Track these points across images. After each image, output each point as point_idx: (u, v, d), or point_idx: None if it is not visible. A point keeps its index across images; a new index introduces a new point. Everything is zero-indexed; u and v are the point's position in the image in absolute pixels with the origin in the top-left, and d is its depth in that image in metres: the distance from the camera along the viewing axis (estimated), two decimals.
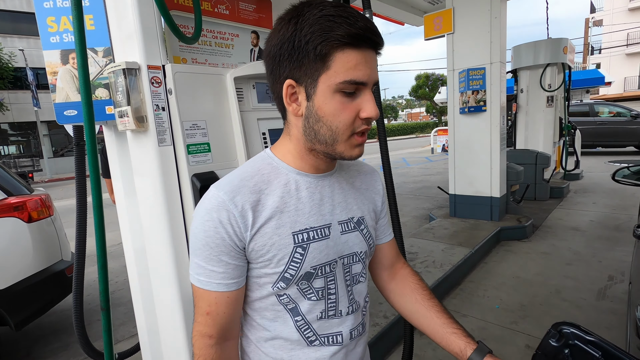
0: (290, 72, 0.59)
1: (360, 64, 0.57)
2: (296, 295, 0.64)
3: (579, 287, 2.85)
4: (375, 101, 0.60)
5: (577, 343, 0.62)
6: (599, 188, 6.25)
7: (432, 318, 0.74)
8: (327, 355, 0.67)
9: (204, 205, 0.61)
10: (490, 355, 0.65)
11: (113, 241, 4.89)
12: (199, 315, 0.63)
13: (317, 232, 0.65)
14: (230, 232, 0.59)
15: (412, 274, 0.83)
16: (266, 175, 0.65)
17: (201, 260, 0.61)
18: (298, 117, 0.63)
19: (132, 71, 1.12)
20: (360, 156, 0.64)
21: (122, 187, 1.54)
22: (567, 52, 6.17)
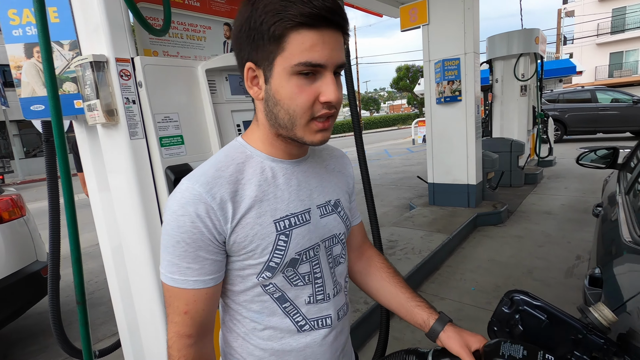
0: (249, 54, 0.58)
1: (316, 45, 0.54)
2: (282, 283, 0.64)
3: (549, 267, 3.00)
4: (336, 85, 0.57)
5: (526, 308, 0.67)
6: (571, 173, 6.52)
7: (397, 294, 0.78)
8: (318, 339, 0.67)
9: (177, 199, 0.57)
10: (450, 323, 0.70)
11: (91, 241, 4.78)
12: (176, 315, 0.60)
13: (298, 218, 0.64)
14: (210, 225, 0.57)
15: (377, 255, 0.86)
16: (241, 164, 0.63)
17: (175, 257, 0.58)
18: (260, 101, 0.62)
19: (100, 64, 1.11)
20: (323, 142, 0.62)
21: (96, 183, 1.52)
22: (539, 43, 6.35)
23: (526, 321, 0.67)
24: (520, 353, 0.59)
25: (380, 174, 8.50)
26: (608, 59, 24.72)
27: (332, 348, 0.69)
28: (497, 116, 6.77)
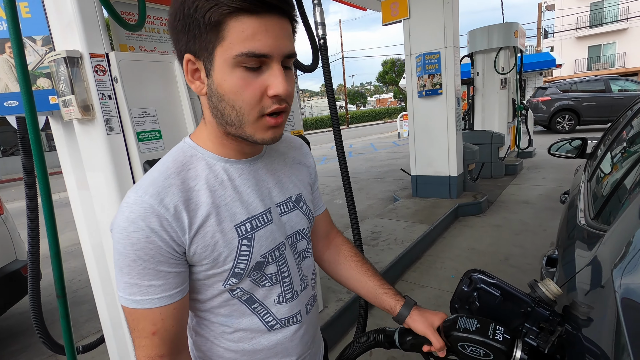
0: (186, 45, 0.52)
1: (259, 33, 0.49)
2: (250, 286, 0.62)
3: (525, 254, 3.12)
4: (284, 76, 0.53)
5: (482, 286, 0.73)
6: (549, 164, 6.72)
7: (366, 282, 0.79)
8: (289, 335, 0.67)
9: (125, 215, 0.52)
10: (415, 307, 0.75)
11: (73, 240, 4.71)
12: (142, 338, 0.55)
13: (260, 220, 0.61)
14: (167, 238, 0.52)
15: (345, 243, 0.86)
16: (193, 169, 0.58)
17: (134, 277, 0.52)
18: (204, 97, 0.57)
19: (74, 60, 1.12)
20: (275, 140, 0.58)
21: (75, 181, 1.52)
22: (518, 36, 6.49)
23: (483, 298, 0.72)
24: (474, 326, 0.64)
25: (366, 168, 8.58)
26: (587, 52, 25.34)
27: (303, 341, 0.70)
28: (479, 109, 6.91)
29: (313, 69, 1.88)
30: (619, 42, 23.98)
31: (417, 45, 4.41)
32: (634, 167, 0.92)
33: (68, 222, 4.78)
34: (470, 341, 0.63)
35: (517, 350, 0.60)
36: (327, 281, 2.59)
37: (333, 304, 2.29)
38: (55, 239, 1.04)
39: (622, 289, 0.58)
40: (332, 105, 1.78)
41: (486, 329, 0.64)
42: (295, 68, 1.94)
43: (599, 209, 1.01)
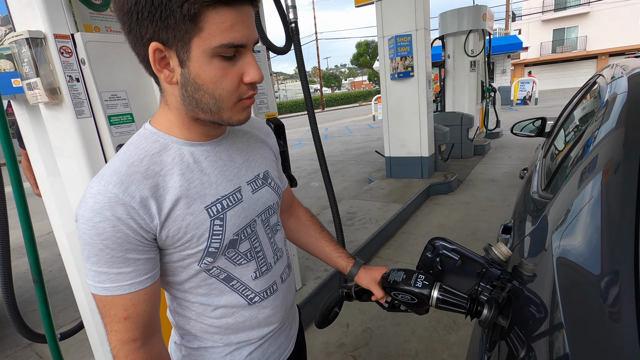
0: (154, 33, 0.51)
1: (236, 24, 0.51)
2: (225, 265, 0.64)
3: (490, 228, 3.32)
4: (257, 63, 0.56)
5: (444, 252, 0.80)
6: (514, 144, 7.05)
7: (322, 247, 0.91)
8: (268, 306, 0.71)
9: (89, 205, 0.52)
10: (363, 266, 0.87)
11: (42, 231, 4.54)
12: (115, 323, 0.56)
13: (230, 199, 0.63)
14: (134, 226, 0.53)
15: (305, 212, 0.95)
16: (156, 155, 0.58)
17: (102, 266, 0.53)
18: (173, 85, 0.56)
19: (37, 41, 1.08)
20: (248, 119, 0.61)
21: (44, 168, 1.48)
22: (487, 19, 6.65)
23: (444, 262, 0.80)
24: (401, 277, 0.76)
25: (341, 151, 8.67)
26: (552, 35, 26.22)
27: (283, 308, 0.75)
28: (450, 91, 7.10)
29: (286, 51, 1.88)
30: (581, 25, 24.95)
31: (389, 28, 4.44)
32: (578, 142, 1.02)
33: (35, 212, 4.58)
34: (398, 290, 0.74)
35: (434, 291, 0.71)
36: (305, 260, 2.67)
37: (311, 281, 2.38)
38: (28, 225, 1.04)
39: (559, 250, 0.66)
40: (306, 89, 1.80)
41: (409, 278, 0.75)
42: (267, 50, 1.94)
43: (548, 181, 1.12)
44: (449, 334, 2.00)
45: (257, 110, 1.89)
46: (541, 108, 12.83)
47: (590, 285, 0.54)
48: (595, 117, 1.04)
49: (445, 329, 2.03)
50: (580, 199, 0.73)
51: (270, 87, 1.96)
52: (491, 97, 7.53)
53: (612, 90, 1.07)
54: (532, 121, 2.47)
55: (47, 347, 1.27)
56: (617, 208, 0.61)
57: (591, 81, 1.68)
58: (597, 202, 0.66)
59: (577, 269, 0.59)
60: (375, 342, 2.02)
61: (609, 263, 0.54)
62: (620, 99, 0.95)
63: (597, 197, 0.67)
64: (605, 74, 1.40)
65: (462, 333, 1.99)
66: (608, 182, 0.68)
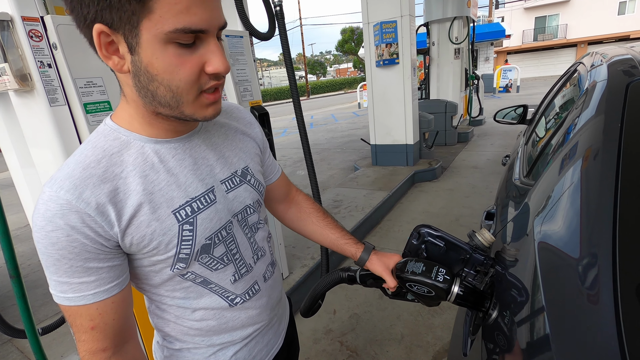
0: (97, 13, 0.44)
1: (194, 6, 0.44)
2: (201, 270, 0.60)
3: (473, 214, 3.40)
4: (222, 52, 0.49)
5: (429, 239, 0.81)
6: (497, 131, 7.18)
7: (328, 235, 0.86)
8: (251, 307, 0.68)
9: (41, 213, 0.48)
10: (374, 251, 0.83)
11: (19, 224, 4.39)
12: (82, 333, 0.52)
13: (201, 201, 0.58)
14: (91, 234, 0.48)
15: (305, 200, 0.89)
16: (116, 154, 0.52)
17: (63, 276, 0.49)
18: (126, 74, 0.49)
19: (4, 23, 1.02)
20: (216, 115, 0.54)
21: (17, 159, 1.42)
22: (471, 6, 6.66)
23: (429, 249, 0.81)
24: (420, 269, 0.73)
25: (327, 139, 8.64)
26: (533, 23, 26.54)
27: (268, 307, 0.72)
28: (434, 78, 7.13)
29: (270, 37, 1.84)
30: (562, 13, 25.32)
31: (374, 14, 4.39)
32: (559, 130, 1.04)
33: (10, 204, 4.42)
34: (417, 282, 0.72)
35: (454, 287, 0.70)
36: (292, 249, 2.68)
37: (298, 269, 2.39)
38: (2, 218, 0.99)
39: (540, 235, 0.68)
40: (291, 77, 1.77)
41: (430, 271, 0.73)
42: (250, 36, 1.89)
43: (529, 168, 1.14)
44: (433, 318, 2.05)
45: (241, 98, 1.85)
46: (523, 95, 13.06)
47: (570, 269, 0.55)
48: (576, 105, 1.06)
49: (429, 313, 2.08)
50: (560, 185, 0.75)
51: (254, 74, 1.91)
52: (474, 85, 7.61)
53: (592, 79, 1.09)
54: (514, 109, 2.51)
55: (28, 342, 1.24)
56: (596, 193, 0.62)
57: (571, 69, 1.71)
58: (577, 188, 0.68)
59: (558, 253, 0.61)
60: (361, 327, 2.06)
61: (588, 247, 0.55)
62: (599, 86, 0.97)
63: (577, 183, 0.69)
64: (585, 62, 1.43)
65: (445, 316, 2.05)
66: (587, 168, 0.70)
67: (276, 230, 2.20)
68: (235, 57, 1.80)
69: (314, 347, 1.93)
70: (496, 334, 0.64)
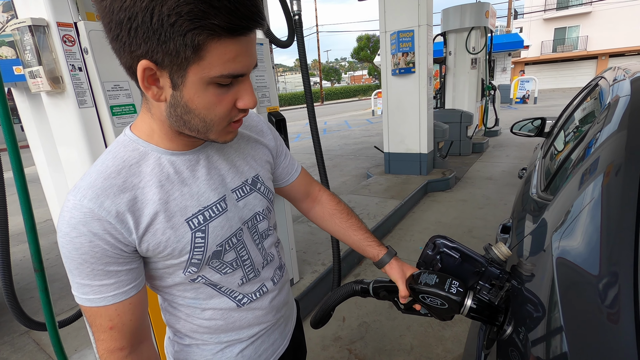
0: (148, 52, 0.46)
1: (240, 56, 0.49)
2: (211, 274, 0.63)
3: (486, 225, 3.35)
4: (252, 88, 0.55)
5: (444, 250, 0.81)
6: (512, 143, 7.07)
7: (350, 236, 0.86)
8: (259, 306, 0.71)
9: (66, 220, 0.52)
10: (395, 257, 0.84)
11: (39, 218, 4.52)
12: (101, 332, 0.56)
13: (213, 210, 0.61)
14: (112, 241, 0.52)
15: (329, 200, 0.89)
16: (135, 165, 0.56)
17: (85, 278, 0.53)
18: (161, 102, 0.53)
19: (40, 28, 1.07)
20: (233, 138, 0.60)
21: (45, 156, 1.48)
22: (489, 16, 6.62)
23: (444, 260, 0.81)
24: (434, 281, 0.73)
25: (340, 145, 8.66)
26: (553, 34, 26.15)
27: (274, 308, 0.74)
28: (450, 88, 7.08)
29: (289, 45, 1.87)
30: (582, 25, 24.89)
31: (391, 23, 4.42)
32: (579, 144, 1.03)
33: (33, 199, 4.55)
34: (430, 294, 0.72)
35: (468, 300, 0.69)
36: (303, 254, 2.69)
37: (308, 275, 2.39)
38: (30, 213, 1.04)
39: (559, 250, 0.67)
40: (307, 83, 1.80)
41: (443, 283, 0.73)
42: (270, 42, 1.93)
43: (548, 182, 1.13)
44: (444, 330, 2.02)
45: (259, 104, 1.88)
46: (540, 107, 12.85)
47: (590, 286, 0.55)
48: (597, 119, 1.04)
49: (439, 325, 2.06)
50: (580, 201, 0.74)
51: (272, 81, 1.95)
52: (491, 95, 7.54)
53: (614, 93, 1.08)
54: (532, 121, 2.48)
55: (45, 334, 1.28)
56: (618, 210, 0.62)
57: (592, 83, 1.69)
58: (598, 203, 0.67)
59: (577, 269, 0.60)
60: (370, 336, 2.04)
61: (609, 264, 0.55)
62: (622, 102, 0.95)
63: (597, 198, 0.68)
64: (607, 76, 1.41)
65: (456, 329, 2.02)
66: (609, 184, 0.69)
67: (288, 236, 2.22)
68: None
69: (322, 354, 1.93)
70: (511, 351, 0.64)
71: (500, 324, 0.70)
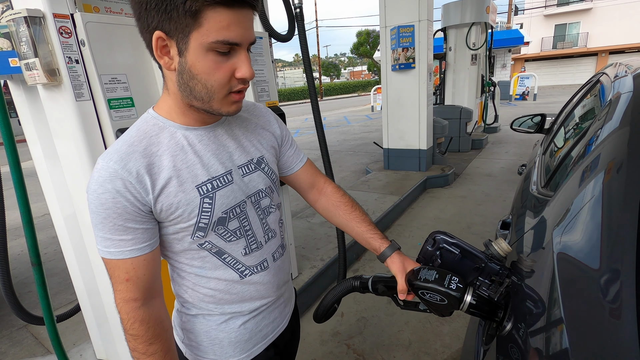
0: (159, 23, 0.56)
1: (233, 25, 0.57)
2: (216, 240, 0.69)
3: (485, 222, 3.35)
4: (250, 61, 0.62)
5: (444, 246, 0.81)
6: (512, 139, 7.07)
7: (354, 227, 0.88)
8: (259, 281, 0.76)
9: (95, 178, 0.60)
10: (398, 251, 0.84)
11: (37, 213, 4.51)
12: (118, 283, 0.64)
13: (220, 181, 0.68)
14: (131, 198, 0.60)
15: (334, 192, 0.91)
16: (154, 137, 0.65)
17: (107, 233, 0.61)
18: (172, 72, 0.62)
19: (36, 20, 1.06)
20: (237, 112, 0.67)
21: (42, 150, 1.47)
22: (490, 12, 6.58)
23: (444, 256, 0.80)
24: (433, 277, 0.73)
25: (339, 141, 8.64)
26: (553, 31, 26.04)
27: (273, 283, 0.79)
28: (450, 84, 7.06)
29: (289, 39, 1.86)
30: (583, 21, 24.79)
31: (392, 18, 4.39)
32: (579, 141, 1.03)
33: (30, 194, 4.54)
34: (430, 289, 0.71)
35: (467, 296, 0.69)
36: (302, 249, 2.69)
37: (307, 270, 2.40)
38: (27, 207, 1.03)
39: (559, 246, 0.67)
40: (309, 76, 1.79)
41: (443, 279, 0.73)
42: (270, 37, 1.91)
43: (548, 178, 1.12)
44: (442, 325, 2.03)
45: (258, 99, 1.87)
46: (539, 104, 12.84)
47: (591, 281, 0.55)
48: (598, 116, 1.04)
49: (438, 320, 2.07)
50: (581, 197, 0.74)
51: (272, 75, 1.93)
52: (491, 92, 7.52)
53: (616, 90, 1.07)
54: (531, 117, 2.47)
55: (43, 328, 1.27)
56: (620, 206, 0.61)
57: (594, 79, 1.68)
58: (599, 200, 0.66)
59: (578, 264, 0.60)
60: (369, 331, 2.05)
61: (610, 260, 0.54)
62: (624, 98, 0.95)
63: (599, 195, 0.68)
64: (608, 72, 1.40)
65: (454, 324, 2.03)
66: (610, 180, 0.69)
67: (287, 231, 2.22)
68: (253, 57, 1.82)
69: (320, 349, 1.94)
70: (510, 347, 0.63)
71: (500, 319, 0.70)
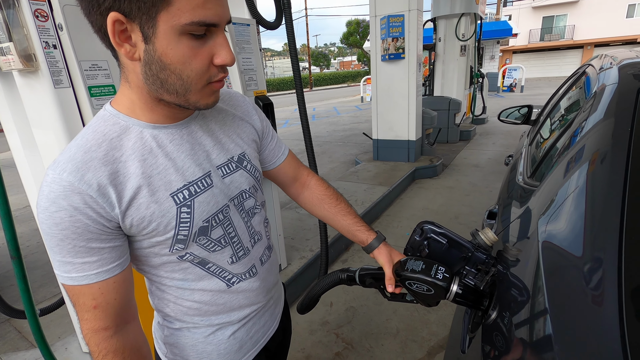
0: (115, 2, 0.45)
1: (209, 2, 0.48)
2: (199, 251, 0.61)
3: (473, 212, 3.41)
4: (229, 44, 0.53)
5: (432, 235, 0.81)
6: (499, 130, 7.16)
7: (339, 221, 0.85)
8: (248, 288, 0.70)
9: (45, 194, 0.50)
10: (384, 242, 0.83)
11: (18, 204, 4.39)
12: (84, 312, 0.54)
13: (198, 185, 0.59)
14: (93, 215, 0.50)
15: (318, 185, 0.87)
16: (116, 139, 0.54)
17: (66, 256, 0.51)
18: (135, 62, 0.51)
19: (9, 2, 1.00)
20: (216, 103, 0.58)
21: (20, 140, 1.41)
22: (479, 3, 6.58)
23: (432, 245, 0.81)
24: (420, 267, 0.73)
25: (329, 132, 8.61)
26: (541, 23, 26.26)
27: (262, 287, 0.73)
28: (439, 75, 7.07)
29: (277, 26, 1.82)
30: (570, 14, 25.05)
31: (382, 7, 4.34)
32: (565, 132, 1.04)
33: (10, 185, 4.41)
34: (417, 280, 0.72)
35: (453, 285, 0.70)
36: (291, 240, 2.69)
37: (296, 261, 2.40)
38: (4, 199, 0.99)
39: (545, 235, 0.68)
40: (295, 67, 1.76)
41: (429, 269, 0.73)
42: (257, 24, 1.87)
43: (534, 169, 1.14)
44: (429, 314, 2.07)
45: (246, 88, 1.84)
46: (527, 95, 13.01)
47: (574, 269, 0.56)
48: (583, 107, 1.05)
49: (425, 309, 2.10)
50: (566, 187, 0.75)
51: (259, 64, 1.90)
52: (479, 83, 7.57)
53: (601, 81, 1.08)
54: (519, 108, 2.49)
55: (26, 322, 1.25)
56: (604, 196, 0.62)
57: (580, 71, 1.70)
58: (583, 190, 0.67)
59: (562, 253, 0.61)
60: (357, 320, 2.07)
61: (593, 248, 0.55)
62: (609, 89, 0.96)
63: (583, 185, 0.69)
64: (594, 64, 1.41)
65: (441, 312, 2.07)
66: (595, 171, 0.70)
67: (276, 222, 2.21)
68: (241, 45, 1.78)
69: (310, 338, 1.95)
70: (495, 335, 0.64)
71: (485, 308, 0.71)
